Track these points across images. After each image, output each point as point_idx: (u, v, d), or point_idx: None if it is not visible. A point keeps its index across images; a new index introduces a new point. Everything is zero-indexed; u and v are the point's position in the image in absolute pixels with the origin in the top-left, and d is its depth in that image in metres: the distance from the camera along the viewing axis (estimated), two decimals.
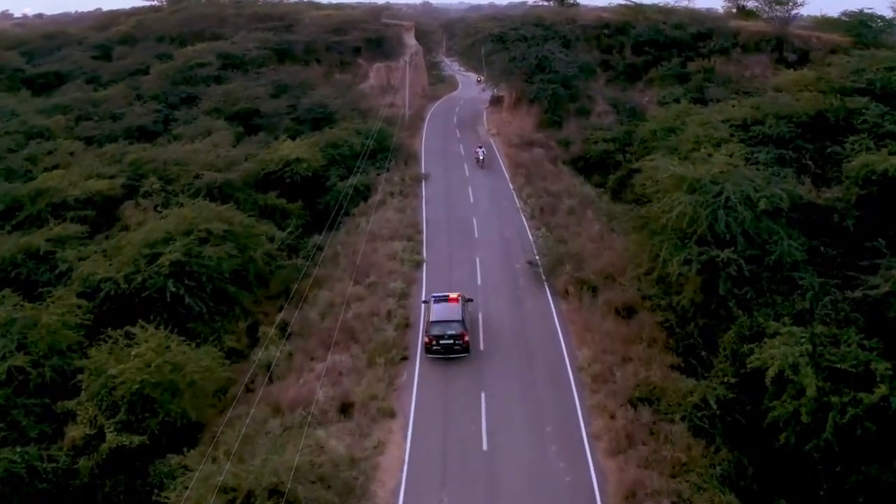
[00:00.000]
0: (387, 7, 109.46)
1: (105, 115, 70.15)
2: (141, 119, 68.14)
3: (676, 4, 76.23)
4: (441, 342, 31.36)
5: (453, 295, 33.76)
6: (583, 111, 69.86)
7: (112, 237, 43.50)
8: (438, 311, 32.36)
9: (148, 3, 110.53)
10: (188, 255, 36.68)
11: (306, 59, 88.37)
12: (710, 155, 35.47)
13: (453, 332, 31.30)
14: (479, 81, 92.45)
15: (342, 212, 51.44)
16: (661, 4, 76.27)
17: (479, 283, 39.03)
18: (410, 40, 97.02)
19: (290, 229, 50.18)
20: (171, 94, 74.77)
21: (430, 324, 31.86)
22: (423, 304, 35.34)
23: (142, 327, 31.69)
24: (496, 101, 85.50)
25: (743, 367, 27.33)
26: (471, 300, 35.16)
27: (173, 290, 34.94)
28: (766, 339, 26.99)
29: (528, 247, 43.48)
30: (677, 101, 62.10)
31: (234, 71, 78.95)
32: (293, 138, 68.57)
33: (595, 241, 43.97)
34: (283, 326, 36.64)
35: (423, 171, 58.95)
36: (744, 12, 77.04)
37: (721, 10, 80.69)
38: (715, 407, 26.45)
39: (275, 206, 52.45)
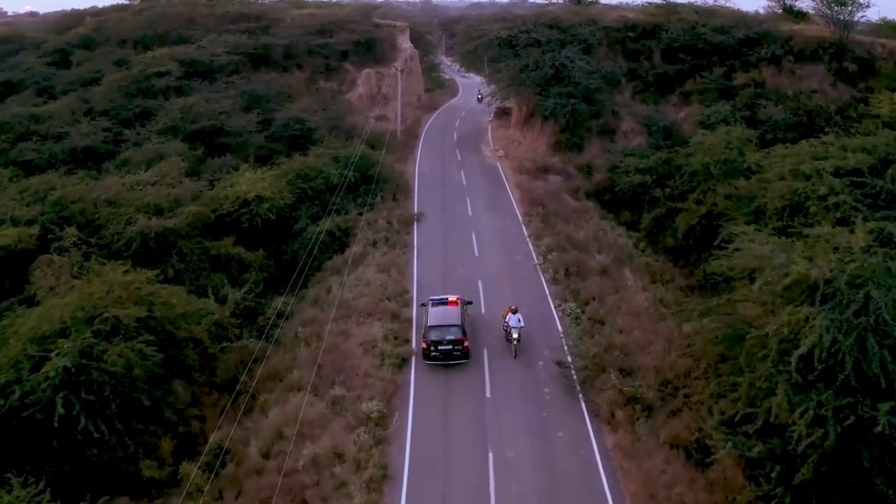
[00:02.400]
0: (378, 5, 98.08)
1: (49, 134, 59.40)
2: (87, 139, 57.57)
3: (716, 4, 64.89)
4: (439, 348, 29.81)
5: (452, 297, 32.24)
6: (606, 130, 58.80)
7: (12, 312, 33.21)
8: (436, 315, 30.81)
9: (116, 2, 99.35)
10: (86, 356, 26.53)
11: (285, 64, 77.29)
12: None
13: (452, 338, 29.84)
14: (479, 99, 79.23)
15: (312, 263, 41.04)
16: (699, 3, 64.71)
17: (487, 394, 28.14)
18: (405, 43, 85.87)
19: (247, 286, 40.33)
20: (124, 108, 63.91)
21: (427, 328, 30.28)
22: (420, 307, 33.72)
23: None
24: (502, 114, 74.47)
25: None
26: (470, 303, 33.71)
27: (62, 411, 24.79)
28: None
29: (552, 331, 32.61)
30: (725, 121, 51.33)
31: (199, 80, 67.92)
32: (266, 159, 58.92)
33: (640, 318, 33.33)
34: (220, 451, 26.46)
35: (415, 209, 47.96)
36: (791, 13, 65.77)
37: (762, 11, 69.35)
38: None
39: (230, 255, 42.52)
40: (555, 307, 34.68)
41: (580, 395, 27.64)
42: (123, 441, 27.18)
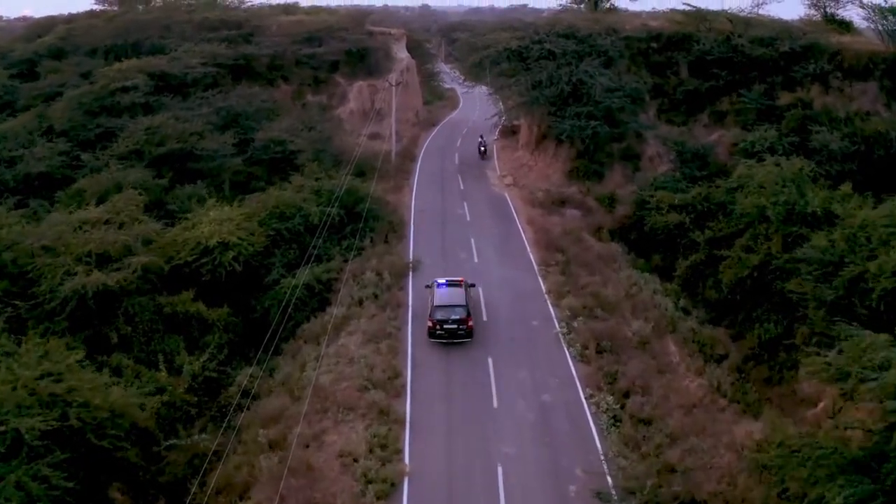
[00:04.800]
0: (372, 12, 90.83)
1: (1, 158, 52.44)
2: (41, 164, 50.66)
3: (752, 12, 57.45)
4: (445, 327, 30.77)
5: (457, 279, 33.53)
6: (629, 155, 51.69)
7: None
8: (442, 296, 31.88)
9: (99, 7, 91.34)
10: None
11: (270, 76, 69.93)
12: None
13: (457, 317, 30.78)
14: (483, 151, 62.63)
15: (287, 324, 34.14)
16: (733, 10, 57.34)
17: None
18: (401, 52, 78.56)
19: (209, 352, 33.52)
20: (84, 128, 56.63)
21: (434, 308, 31.26)
22: (425, 288, 34.34)
23: None
24: (509, 132, 67.28)
25: None
26: (473, 285, 34.60)
27: None
28: None
29: (586, 437, 25.29)
30: (771, 150, 44.18)
31: (171, 96, 60.60)
32: (244, 185, 52.23)
33: (695, 415, 26.37)
34: None
35: (410, 254, 40.53)
36: (833, 23, 58.47)
37: (798, 19, 62.02)
38: None
39: (188, 314, 35.53)
40: (586, 399, 27.36)
41: None
42: None
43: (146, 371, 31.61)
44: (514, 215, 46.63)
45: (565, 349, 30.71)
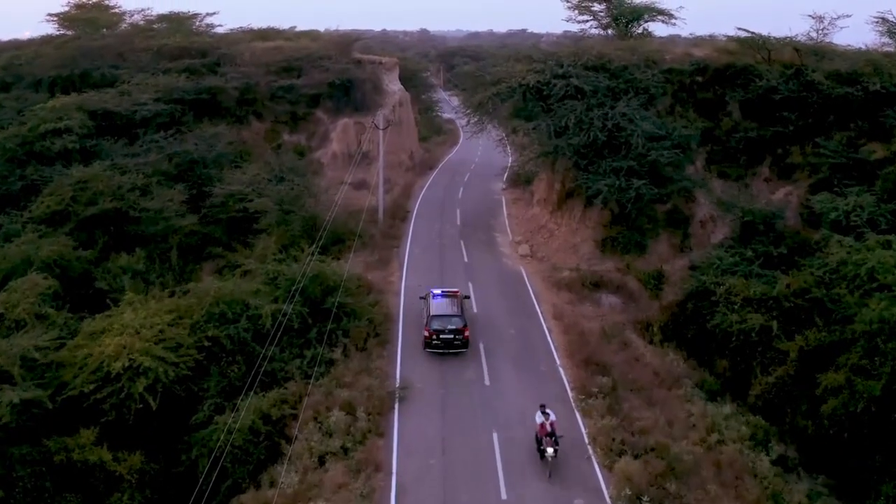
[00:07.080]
0: (359, 37, 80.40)
1: None
2: None
3: (822, 40, 46.86)
4: (441, 337, 30.26)
5: (452, 290, 33.17)
6: (677, 218, 41.14)
7: None
8: (438, 306, 31.49)
9: (58, 32, 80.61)
10: None
11: (239, 113, 59.56)
12: None
13: (454, 327, 30.34)
14: (551, 451, 39.06)
15: (221, 482, 23.90)
16: (799, 38, 46.36)
17: None
18: (393, 83, 67.98)
19: None
20: (7, 180, 46.22)
21: (430, 318, 30.69)
22: (420, 300, 33.69)
23: None
24: (520, 179, 56.90)
25: None
26: (468, 297, 34.17)
27: None
28: None
29: None
30: (872, 223, 33.66)
31: (115, 139, 50.20)
32: (198, 251, 42.53)
33: None
34: None
35: (397, 373, 29.65)
36: None
37: (864, 48, 51.50)
38: None
39: (88, 464, 25.92)
40: None
41: None
42: None
43: None
44: (535, 304, 35.73)
45: None
